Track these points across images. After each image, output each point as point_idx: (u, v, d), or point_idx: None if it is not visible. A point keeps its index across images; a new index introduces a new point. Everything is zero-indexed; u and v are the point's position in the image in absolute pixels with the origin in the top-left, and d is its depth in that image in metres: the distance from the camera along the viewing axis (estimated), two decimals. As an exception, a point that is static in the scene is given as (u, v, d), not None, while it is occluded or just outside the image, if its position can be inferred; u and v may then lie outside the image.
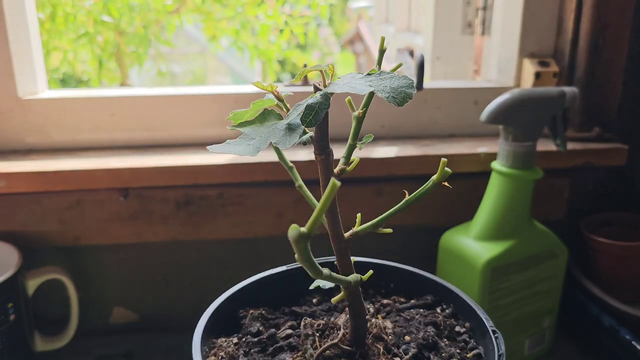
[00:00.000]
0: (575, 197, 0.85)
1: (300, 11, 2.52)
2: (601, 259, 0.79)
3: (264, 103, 0.37)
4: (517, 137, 0.67)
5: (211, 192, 0.76)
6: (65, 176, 0.72)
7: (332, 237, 0.39)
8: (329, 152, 0.36)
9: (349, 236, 0.39)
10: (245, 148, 0.33)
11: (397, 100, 0.33)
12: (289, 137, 0.32)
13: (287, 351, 0.42)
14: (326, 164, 0.36)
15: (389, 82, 0.34)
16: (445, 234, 0.73)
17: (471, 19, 0.97)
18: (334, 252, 0.40)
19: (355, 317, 0.41)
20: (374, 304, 0.49)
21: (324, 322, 0.44)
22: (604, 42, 0.80)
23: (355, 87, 0.33)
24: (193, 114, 0.81)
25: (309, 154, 0.76)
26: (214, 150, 0.33)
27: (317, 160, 0.36)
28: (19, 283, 0.68)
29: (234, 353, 0.42)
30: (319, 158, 0.36)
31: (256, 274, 0.50)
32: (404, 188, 0.80)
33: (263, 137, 0.33)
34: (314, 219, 0.27)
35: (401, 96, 0.33)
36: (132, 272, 0.81)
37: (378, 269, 0.47)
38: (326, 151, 0.36)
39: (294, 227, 0.27)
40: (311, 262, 0.31)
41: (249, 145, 0.33)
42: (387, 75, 0.34)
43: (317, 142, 0.35)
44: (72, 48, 2.18)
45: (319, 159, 0.36)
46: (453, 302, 0.48)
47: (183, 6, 2.33)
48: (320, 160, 0.36)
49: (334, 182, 0.27)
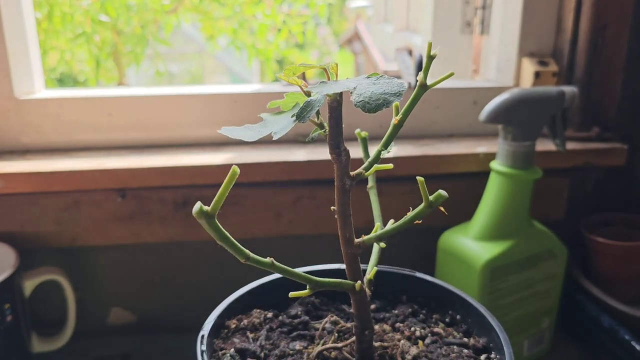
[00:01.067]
0: (574, 197, 0.85)
1: (299, 10, 2.52)
2: (601, 259, 0.79)
3: (296, 97, 0.37)
4: (517, 136, 0.67)
5: (209, 193, 0.76)
6: (62, 177, 0.71)
7: (341, 241, 0.39)
8: (340, 152, 0.35)
9: (358, 243, 0.38)
10: (248, 133, 0.34)
11: (369, 106, 0.31)
12: (284, 128, 0.33)
13: (308, 340, 0.42)
14: (338, 163, 0.36)
15: (378, 87, 0.32)
16: (444, 234, 0.73)
17: (470, 18, 0.97)
18: (343, 256, 0.39)
19: (357, 326, 0.40)
20: (426, 328, 0.46)
21: (350, 325, 0.44)
22: (604, 41, 0.80)
23: (335, 89, 0.32)
24: (191, 114, 0.80)
25: (309, 154, 0.76)
26: (223, 132, 0.34)
27: (331, 159, 0.36)
28: (16, 284, 0.67)
29: (258, 324, 0.43)
30: (332, 157, 0.35)
31: (255, 275, 0.50)
32: (403, 188, 0.80)
33: (270, 127, 0.34)
34: (216, 199, 0.32)
35: (376, 102, 0.31)
36: (129, 273, 0.80)
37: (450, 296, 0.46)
38: (337, 150, 0.35)
39: (198, 203, 0.31)
40: (229, 241, 0.34)
41: (253, 131, 0.34)
42: (384, 80, 0.33)
43: (329, 140, 0.35)
44: (69, 48, 2.18)
45: (332, 158, 0.36)
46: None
47: (180, 5, 2.33)
48: (333, 159, 0.36)
49: (234, 170, 0.30)
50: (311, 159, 0.74)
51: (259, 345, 0.42)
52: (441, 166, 0.78)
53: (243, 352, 0.42)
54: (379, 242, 0.38)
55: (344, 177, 0.36)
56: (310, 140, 0.36)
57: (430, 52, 0.34)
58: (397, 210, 0.81)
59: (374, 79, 0.33)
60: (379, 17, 4.74)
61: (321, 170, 0.75)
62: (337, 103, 0.34)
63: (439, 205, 0.35)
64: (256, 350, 0.42)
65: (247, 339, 0.43)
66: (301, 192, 0.77)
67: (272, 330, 0.44)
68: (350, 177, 0.36)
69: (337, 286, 0.38)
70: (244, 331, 0.44)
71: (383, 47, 5.93)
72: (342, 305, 0.49)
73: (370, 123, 0.84)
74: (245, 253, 0.34)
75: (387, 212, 0.82)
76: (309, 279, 0.37)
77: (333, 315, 0.44)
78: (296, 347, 0.41)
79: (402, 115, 0.36)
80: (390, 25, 3.71)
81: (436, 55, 0.34)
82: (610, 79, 0.82)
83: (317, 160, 0.74)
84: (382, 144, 0.37)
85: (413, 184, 0.37)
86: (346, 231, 0.38)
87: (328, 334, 0.43)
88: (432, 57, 0.34)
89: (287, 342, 0.42)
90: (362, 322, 0.40)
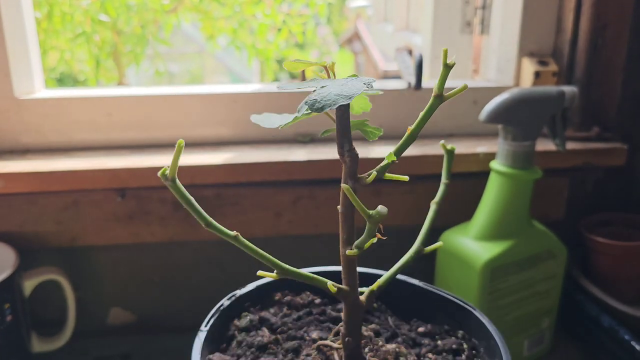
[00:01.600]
0: (574, 197, 0.85)
1: (299, 10, 2.52)
2: (600, 259, 0.79)
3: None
4: (516, 136, 0.67)
5: (208, 193, 0.76)
6: (62, 176, 0.71)
7: (341, 242, 0.38)
8: (344, 153, 0.35)
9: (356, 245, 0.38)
10: (270, 121, 0.35)
11: (317, 105, 0.31)
12: (287, 119, 0.34)
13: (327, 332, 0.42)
14: (343, 164, 0.35)
15: (340, 88, 0.32)
16: (444, 234, 0.73)
17: (470, 18, 0.96)
18: (341, 258, 0.38)
19: (344, 331, 0.39)
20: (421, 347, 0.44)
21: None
22: (604, 41, 0.80)
23: (304, 87, 0.33)
24: (191, 114, 0.80)
25: (309, 154, 0.76)
26: (253, 119, 0.36)
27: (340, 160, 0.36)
28: (15, 284, 0.67)
29: (300, 305, 0.43)
30: (340, 157, 0.35)
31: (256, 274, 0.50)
32: (403, 188, 0.80)
33: (287, 118, 0.35)
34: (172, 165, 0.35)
35: (326, 103, 0.31)
36: (129, 273, 0.80)
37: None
38: (340, 150, 0.35)
39: (163, 168, 0.34)
40: (192, 205, 0.36)
41: (275, 120, 0.35)
42: (352, 82, 0.32)
43: (337, 140, 0.35)
44: (69, 47, 2.18)
45: (340, 158, 0.35)
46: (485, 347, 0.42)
47: (180, 5, 2.33)
48: (341, 159, 0.35)
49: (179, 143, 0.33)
50: (311, 159, 0.74)
51: (281, 322, 0.43)
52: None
53: (263, 320, 0.43)
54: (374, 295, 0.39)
55: (347, 179, 0.36)
56: (309, 140, 0.36)
57: (447, 61, 0.33)
58: (397, 210, 0.81)
59: (348, 79, 0.33)
60: (379, 16, 4.74)
61: (321, 170, 0.75)
62: None
63: (378, 222, 0.35)
64: (276, 323, 0.43)
65: (279, 313, 0.44)
66: (301, 192, 0.77)
67: (309, 315, 0.44)
68: (354, 179, 0.36)
69: (310, 280, 0.38)
70: (282, 305, 0.46)
71: (383, 47, 5.93)
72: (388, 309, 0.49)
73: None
74: (206, 219, 0.35)
75: (387, 212, 0.82)
76: (275, 263, 0.37)
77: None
78: (312, 335, 0.42)
79: (416, 126, 0.36)
80: (390, 25, 3.71)
81: (454, 64, 0.33)
82: (610, 78, 0.82)
83: (317, 160, 0.74)
84: (394, 152, 0.36)
85: (413, 184, 0.36)
86: (345, 232, 0.37)
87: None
88: (449, 66, 0.33)
89: (311, 328, 0.43)
90: (347, 327, 0.39)
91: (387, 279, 0.41)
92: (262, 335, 0.42)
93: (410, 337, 0.44)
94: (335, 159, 0.76)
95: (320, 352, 0.41)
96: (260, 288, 0.42)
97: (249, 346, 0.42)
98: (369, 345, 0.41)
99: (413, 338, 0.44)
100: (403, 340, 0.44)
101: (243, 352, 0.41)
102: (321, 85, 0.32)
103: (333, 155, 0.76)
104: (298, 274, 0.37)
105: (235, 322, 0.45)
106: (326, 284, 0.37)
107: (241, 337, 0.43)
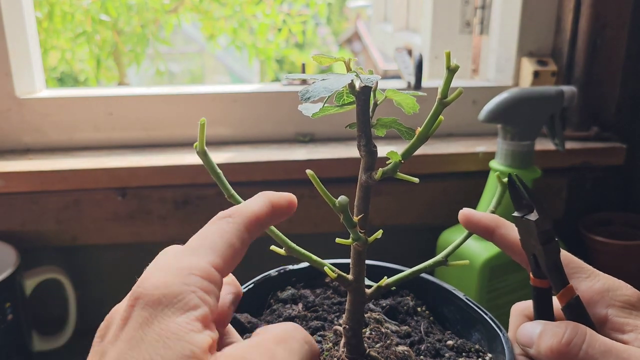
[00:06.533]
0: (573, 197, 0.85)
1: (299, 10, 2.52)
2: (600, 258, 0.79)
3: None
4: (516, 136, 0.67)
5: (209, 192, 0.76)
6: (62, 176, 0.71)
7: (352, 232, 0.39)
8: (360, 147, 0.36)
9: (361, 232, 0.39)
10: (309, 111, 0.36)
11: (303, 97, 0.33)
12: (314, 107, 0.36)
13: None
14: (362, 158, 0.36)
15: (329, 82, 0.34)
16: (444, 233, 0.73)
17: (469, 18, 0.97)
18: (351, 251, 0.40)
19: (345, 319, 0.40)
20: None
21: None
22: (602, 41, 0.80)
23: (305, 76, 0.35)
24: (191, 113, 0.80)
25: (309, 154, 0.76)
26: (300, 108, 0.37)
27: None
28: (16, 283, 0.67)
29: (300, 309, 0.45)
30: (359, 153, 0.36)
31: (255, 274, 0.50)
32: (402, 188, 0.80)
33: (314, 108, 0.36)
34: (200, 139, 0.36)
35: (307, 94, 0.33)
36: (129, 272, 0.80)
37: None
38: (357, 144, 0.36)
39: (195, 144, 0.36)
40: (219, 177, 0.38)
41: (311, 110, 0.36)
42: (340, 76, 0.34)
43: (357, 136, 0.36)
44: (69, 47, 2.18)
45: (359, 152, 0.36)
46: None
47: (181, 5, 2.33)
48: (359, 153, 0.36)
49: (202, 121, 0.34)
50: (311, 158, 0.75)
51: (318, 303, 0.45)
52: (441, 165, 0.78)
53: (303, 297, 0.45)
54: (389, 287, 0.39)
55: (362, 173, 0.37)
56: (309, 140, 0.36)
57: (450, 64, 0.33)
58: (397, 209, 0.81)
59: (344, 75, 0.35)
60: (379, 16, 4.73)
61: (321, 170, 0.75)
62: (363, 95, 0.35)
63: (340, 211, 0.35)
64: (313, 302, 0.45)
65: (321, 295, 0.46)
66: (301, 192, 0.77)
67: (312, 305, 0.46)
68: (367, 174, 0.37)
69: (310, 261, 0.39)
70: (328, 289, 0.47)
71: (383, 47, 5.92)
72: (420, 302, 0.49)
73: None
74: (229, 191, 0.38)
75: (387, 212, 0.82)
76: (284, 240, 0.39)
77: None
78: (341, 320, 0.43)
79: (423, 129, 0.36)
80: (390, 25, 3.70)
81: (458, 67, 0.33)
82: (609, 78, 0.82)
83: (317, 160, 0.74)
84: (403, 154, 0.37)
85: (413, 183, 0.37)
86: (362, 226, 0.38)
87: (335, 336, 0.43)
88: (453, 70, 0.33)
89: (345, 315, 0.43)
90: (347, 315, 0.40)
91: (396, 279, 0.42)
92: (294, 309, 0.44)
93: (434, 347, 0.44)
94: (335, 158, 0.77)
95: (337, 335, 0.41)
96: (312, 268, 0.42)
97: (279, 316, 0.44)
98: (381, 342, 0.42)
99: (438, 349, 0.44)
100: (426, 347, 0.44)
101: (272, 320, 0.43)
102: (322, 78, 0.34)
103: (333, 155, 0.76)
104: (301, 253, 0.39)
105: (278, 293, 0.47)
106: (323, 267, 0.39)
107: (276, 307, 0.45)
